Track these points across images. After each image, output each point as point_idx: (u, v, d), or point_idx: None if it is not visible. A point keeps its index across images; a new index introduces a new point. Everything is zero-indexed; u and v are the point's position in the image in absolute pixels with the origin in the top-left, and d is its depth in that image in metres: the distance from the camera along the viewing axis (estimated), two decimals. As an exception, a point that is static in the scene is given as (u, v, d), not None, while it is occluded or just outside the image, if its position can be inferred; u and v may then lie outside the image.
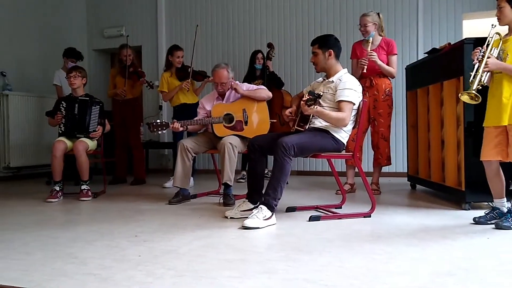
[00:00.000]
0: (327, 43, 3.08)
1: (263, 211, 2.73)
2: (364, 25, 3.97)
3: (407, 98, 4.49)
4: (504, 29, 2.65)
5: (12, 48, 5.77)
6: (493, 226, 2.61)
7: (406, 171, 4.59)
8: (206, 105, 3.86)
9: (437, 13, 5.43)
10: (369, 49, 3.92)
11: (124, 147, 5.19)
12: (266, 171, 4.82)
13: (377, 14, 4.06)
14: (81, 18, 7.00)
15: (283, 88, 5.34)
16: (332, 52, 3.07)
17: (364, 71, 3.89)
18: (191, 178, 3.99)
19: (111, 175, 5.14)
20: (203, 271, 1.86)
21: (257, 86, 3.92)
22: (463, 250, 2.16)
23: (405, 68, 4.55)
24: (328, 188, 4.48)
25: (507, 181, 2.72)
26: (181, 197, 3.65)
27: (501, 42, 2.62)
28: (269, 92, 3.85)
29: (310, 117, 3.01)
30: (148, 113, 6.49)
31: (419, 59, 4.87)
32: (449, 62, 3.45)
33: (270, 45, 5.27)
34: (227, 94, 3.81)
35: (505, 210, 2.66)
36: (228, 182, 3.51)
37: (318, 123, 3.03)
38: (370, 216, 2.99)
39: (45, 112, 4.45)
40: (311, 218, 2.88)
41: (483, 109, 2.72)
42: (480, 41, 2.80)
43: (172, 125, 3.58)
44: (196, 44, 4.91)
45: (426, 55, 4.00)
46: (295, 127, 3.07)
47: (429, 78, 3.86)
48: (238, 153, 3.59)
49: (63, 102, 4.18)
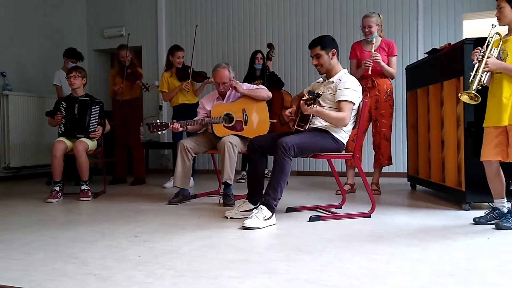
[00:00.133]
0: (329, 43, 3.08)
1: (263, 211, 2.73)
2: (368, 26, 3.97)
3: (407, 98, 4.49)
4: (504, 29, 2.65)
5: (12, 48, 5.77)
6: (493, 226, 2.61)
7: (406, 171, 4.59)
8: (206, 105, 3.86)
9: (437, 13, 5.43)
10: (373, 50, 3.93)
11: (124, 147, 5.19)
12: (266, 171, 4.82)
13: (378, 15, 4.07)
14: (81, 18, 7.00)
15: (283, 88, 5.34)
16: (335, 51, 3.08)
17: (369, 72, 3.90)
18: (191, 178, 3.99)
19: (111, 175, 5.15)
20: (204, 271, 1.86)
21: (257, 86, 3.93)
22: (464, 250, 2.16)
23: (405, 68, 4.55)
24: (328, 188, 4.48)
25: (507, 181, 2.72)
26: (181, 197, 3.65)
27: (501, 42, 2.62)
28: (269, 92, 3.85)
29: (310, 117, 3.01)
30: (148, 113, 6.49)
31: (419, 59, 4.87)
32: (449, 62, 3.45)
33: (270, 45, 5.27)
34: (227, 94, 3.81)
35: (505, 211, 2.66)
36: (228, 181, 3.51)
37: (318, 123, 3.04)
38: (370, 216, 2.99)
39: (45, 112, 4.45)
40: (311, 218, 2.88)
41: (483, 109, 2.72)
42: (480, 41, 2.80)
43: (172, 125, 3.58)
44: (196, 44, 4.91)
45: (426, 55, 4.00)
46: (295, 127, 3.07)
47: (429, 78, 3.86)
48: (238, 153, 3.59)
49: (63, 102, 4.18)
